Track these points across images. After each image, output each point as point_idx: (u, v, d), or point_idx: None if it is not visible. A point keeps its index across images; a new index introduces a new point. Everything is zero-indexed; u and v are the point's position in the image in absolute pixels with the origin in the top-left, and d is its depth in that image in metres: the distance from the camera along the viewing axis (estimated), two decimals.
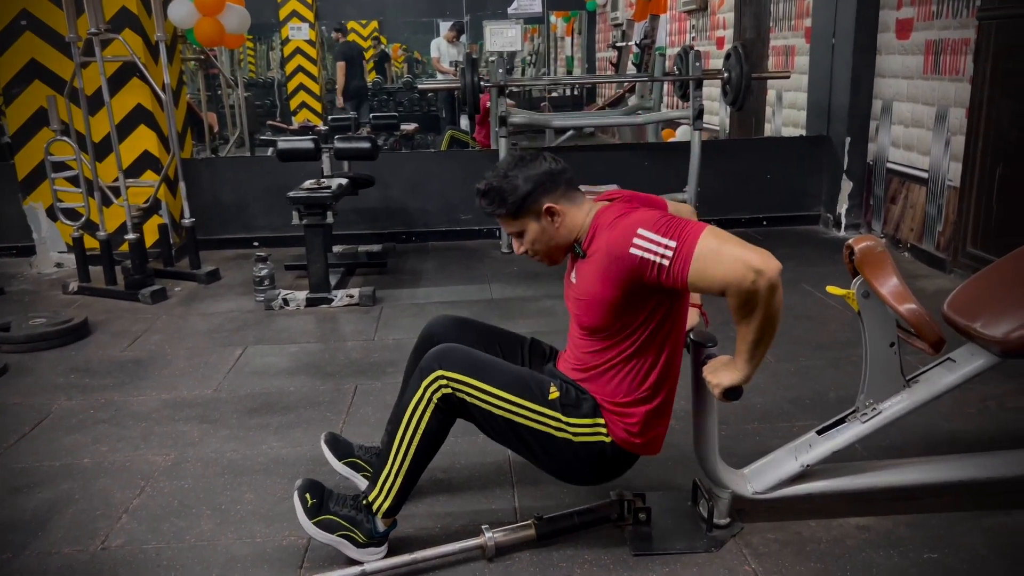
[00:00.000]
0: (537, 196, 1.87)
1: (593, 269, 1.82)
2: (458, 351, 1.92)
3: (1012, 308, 1.95)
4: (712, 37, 7.93)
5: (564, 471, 1.99)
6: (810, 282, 4.09)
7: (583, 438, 1.90)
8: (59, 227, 4.76)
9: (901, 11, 4.64)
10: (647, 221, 1.73)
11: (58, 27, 4.48)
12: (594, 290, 1.82)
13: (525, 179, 1.87)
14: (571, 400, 1.90)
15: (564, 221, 1.89)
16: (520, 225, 1.91)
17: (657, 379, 1.88)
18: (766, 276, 1.61)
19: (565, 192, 1.90)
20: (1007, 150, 3.89)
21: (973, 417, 2.67)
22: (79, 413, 2.89)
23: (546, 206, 1.87)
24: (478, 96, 4.88)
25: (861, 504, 2.14)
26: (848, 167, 5.14)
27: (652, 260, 1.68)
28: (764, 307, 1.66)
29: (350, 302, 4.05)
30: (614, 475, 2.01)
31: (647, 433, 1.92)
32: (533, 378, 1.93)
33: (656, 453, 2.01)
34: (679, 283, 1.69)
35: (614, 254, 1.75)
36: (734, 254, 1.63)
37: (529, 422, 1.88)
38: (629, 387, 1.88)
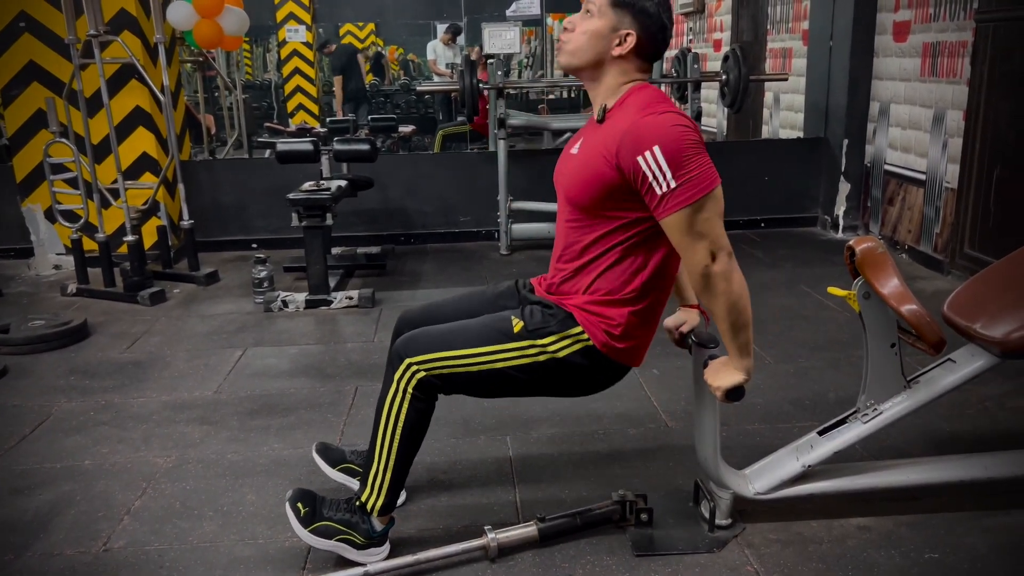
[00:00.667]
0: (637, 16, 1.75)
1: (603, 141, 1.75)
2: (417, 335, 1.90)
3: (1012, 309, 1.96)
4: (710, 39, 7.95)
5: (563, 389, 1.97)
6: (808, 283, 4.10)
7: (566, 351, 1.86)
8: (58, 229, 4.75)
9: (898, 13, 4.66)
10: (671, 144, 1.66)
11: (57, 29, 4.47)
12: (595, 163, 1.76)
13: (652, 3, 1.75)
14: (537, 322, 1.86)
15: (622, 58, 1.78)
16: (603, 9, 1.77)
17: (645, 282, 1.82)
18: (719, 264, 1.68)
19: (648, 43, 1.78)
20: (1004, 152, 3.91)
21: (973, 417, 2.68)
22: (79, 415, 2.89)
23: (627, 32, 1.76)
24: (476, 98, 4.88)
25: (862, 504, 2.15)
26: (846, 169, 5.16)
27: (648, 179, 1.66)
28: (723, 293, 1.70)
29: (349, 304, 4.05)
30: (606, 383, 1.96)
31: (629, 338, 1.86)
32: (493, 321, 1.90)
33: (638, 364, 1.94)
34: (657, 216, 1.70)
35: (626, 143, 1.68)
36: (701, 242, 1.67)
37: (510, 362, 1.86)
38: (614, 284, 1.82)
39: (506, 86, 4.91)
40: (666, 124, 1.68)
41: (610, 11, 1.76)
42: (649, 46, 1.79)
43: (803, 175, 5.44)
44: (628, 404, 2.82)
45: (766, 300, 3.89)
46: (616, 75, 1.81)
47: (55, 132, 4.20)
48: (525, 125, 5.33)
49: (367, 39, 13.71)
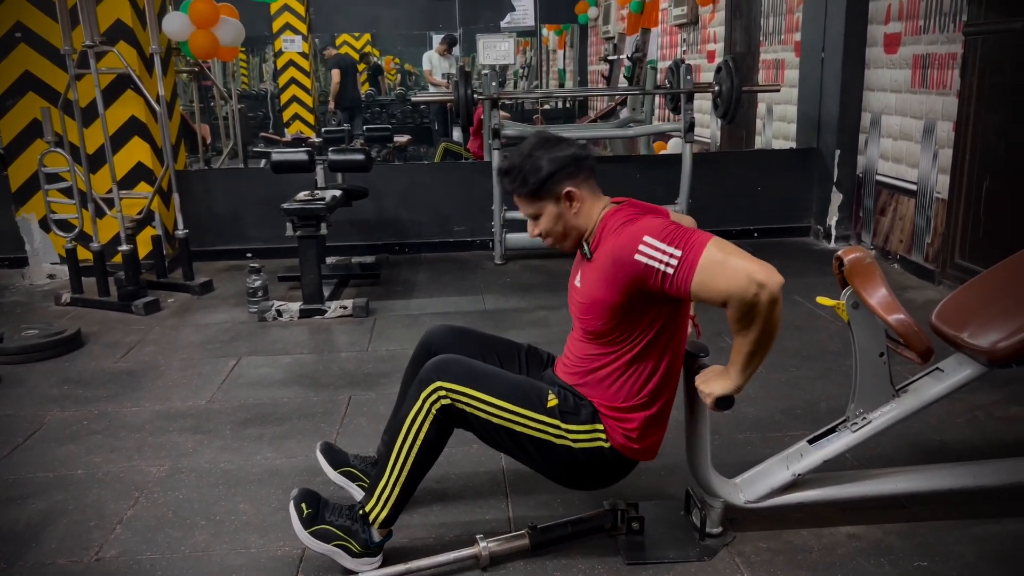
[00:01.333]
0: (559, 179, 1.87)
1: (598, 273, 1.84)
2: (456, 362, 1.93)
3: (999, 318, 1.98)
4: (703, 51, 8.00)
5: (564, 477, 2.01)
6: (801, 293, 4.12)
7: (583, 444, 1.91)
8: (52, 238, 4.76)
9: (889, 26, 4.70)
10: (653, 229, 1.74)
11: (53, 39, 4.50)
12: (598, 294, 1.84)
13: (549, 160, 1.86)
14: (570, 407, 1.92)
15: (581, 208, 1.89)
16: (538, 208, 1.91)
17: (656, 385, 1.90)
18: (768, 289, 1.64)
19: (587, 179, 1.90)
20: (994, 163, 3.94)
21: (962, 427, 2.70)
22: (72, 424, 2.89)
23: (566, 190, 1.87)
24: (471, 108, 4.91)
25: (852, 513, 2.17)
26: (838, 179, 5.19)
27: (657, 268, 1.70)
28: (764, 320, 1.68)
29: (343, 313, 4.06)
30: (613, 480, 2.02)
31: (645, 439, 1.94)
32: (531, 386, 1.95)
33: (653, 459, 2.02)
34: (683, 292, 1.71)
35: (619, 259, 1.76)
36: (738, 266, 1.66)
37: (528, 430, 1.89)
38: (628, 392, 1.90)
39: (501, 96, 4.93)
40: (643, 223, 1.79)
41: (543, 202, 1.90)
42: (580, 176, 1.89)
43: (796, 185, 5.48)
44: None
45: None
46: (590, 217, 1.91)
47: (50, 142, 4.21)
48: (520, 135, 5.35)
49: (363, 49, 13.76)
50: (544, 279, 4.68)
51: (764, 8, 6.58)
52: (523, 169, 1.88)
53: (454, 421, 1.91)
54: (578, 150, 1.91)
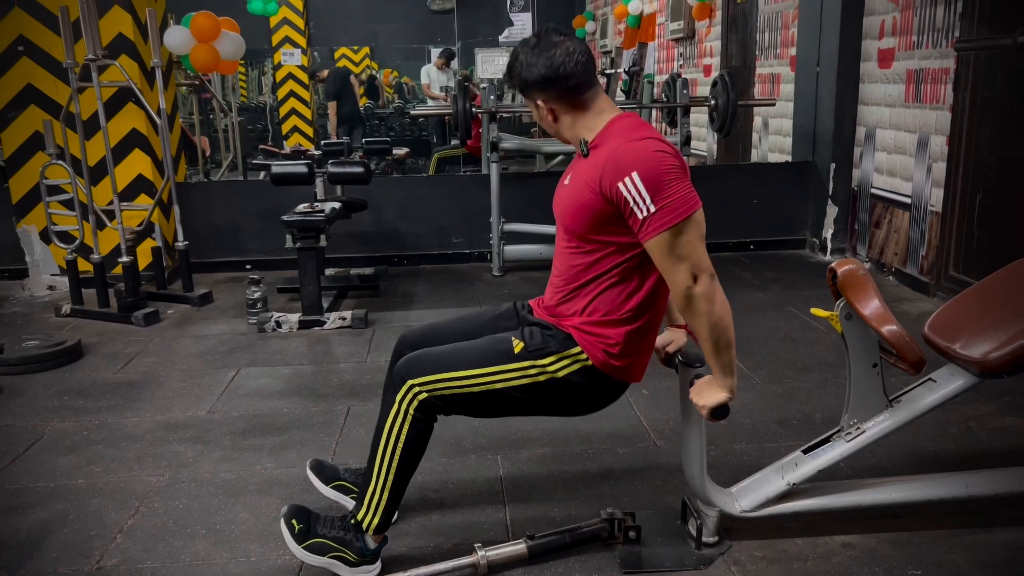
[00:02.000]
0: (531, 90, 1.88)
1: (588, 171, 1.83)
2: (419, 356, 1.95)
3: (990, 329, 2.01)
4: (699, 65, 8.06)
5: (563, 408, 2.02)
6: (796, 305, 4.15)
7: (566, 371, 1.91)
8: (52, 250, 4.78)
9: (883, 41, 4.75)
10: (649, 169, 1.72)
11: (55, 53, 4.54)
12: (583, 193, 1.83)
13: (529, 66, 1.86)
14: (537, 343, 1.91)
15: (561, 120, 1.90)
16: (527, 101, 1.95)
17: (641, 302, 1.88)
18: (701, 286, 1.73)
19: (563, 96, 1.86)
20: (987, 177, 3.99)
21: (955, 437, 2.72)
22: (73, 435, 2.90)
23: (537, 101, 1.89)
24: (470, 121, 4.95)
25: (846, 522, 2.19)
26: (833, 192, 5.23)
27: (630, 205, 1.73)
28: (705, 314, 1.75)
29: (342, 324, 4.08)
30: (606, 400, 2.01)
31: (627, 354, 1.91)
32: (494, 342, 1.95)
33: (638, 380, 1.99)
34: (640, 239, 1.76)
35: (607, 170, 1.75)
36: (681, 265, 1.73)
37: (510, 382, 1.90)
38: (611, 305, 1.88)
39: (499, 110, 4.98)
40: (645, 151, 1.74)
41: (529, 99, 1.93)
42: (552, 93, 1.86)
43: (791, 198, 5.52)
44: (617, 423, 2.86)
45: (754, 321, 3.94)
46: (577, 127, 1.90)
47: (52, 154, 4.24)
48: (518, 148, 5.40)
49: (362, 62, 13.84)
50: (542, 290, 4.69)
51: (760, 23, 6.64)
52: (512, 67, 1.90)
53: (439, 411, 1.92)
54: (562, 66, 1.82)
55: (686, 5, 7.91)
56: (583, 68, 1.85)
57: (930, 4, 4.29)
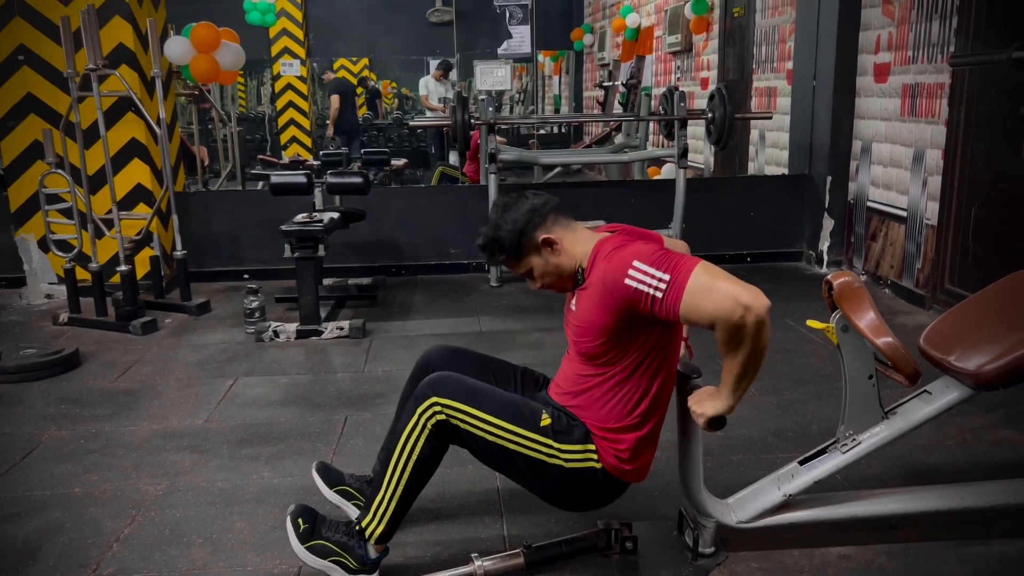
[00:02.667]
0: (530, 233, 1.96)
1: (591, 297, 1.89)
2: (452, 379, 1.97)
3: (985, 342, 2.02)
4: (697, 78, 8.11)
5: (555, 497, 2.03)
6: (792, 317, 4.17)
7: (574, 464, 1.94)
8: (50, 258, 4.79)
9: (879, 55, 4.79)
10: (643, 254, 1.79)
11: (55, 62, 4.56)
12: (591, 317, 1.88)
13: (514, 221, 1.96)
14: (562, 427, 1.95)
15: (563, 247, 1.96)
16: (526, 264, 2.00)
17: (648, 406, 1.93)
18: (754, 312, 1.67)
19: (556, 220, 1.98)
20: (981, 191, 4.01)
21: (951, 449, 2.73)
22: (70, 443, 2.90)
23: (541, 238, 1.95)
24: (468, 133, 4.97)
25: (842, 533, 2.19)
26: (829, 205, 5.26)
27: (646, 292, 1.75)
28: (751, 342, 1.71)
29: (340, 334, 4.09)
30: (604, 502, 2.05)
31: (637, 460, 1.97)
32: (526, 405, 1.98)
33: (643, 480, 2.05)
34: (671, 315, 1.74)
35: (610, 284, 1.81)
36: (724, 289, 1.69)
37: (522, 448, 1.92)
38: (620, 413, 1.93)
39: (497, 122, 5.00)
40: (634, 248, 1.84)
41: (527, 258, 1.99)
42: (548, 221, 1.97)
43: (788, 211, 5.55)
44: None
45: None
46: (575, 253, 1.97)
47: (51, 163, 4.26)
48: (516, 160, 5.42)
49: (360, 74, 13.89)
50: (539, 302, 4.72)
51: (757, 37, 6.69)
52: (496, 239, 1.98)
53: (449, 437, 1.94)
54: (535, 200, 1.99)
55: (684, 19, 7.96)
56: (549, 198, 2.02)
57: (925, 19, 4.32)
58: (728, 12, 7.35)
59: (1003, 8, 3.85)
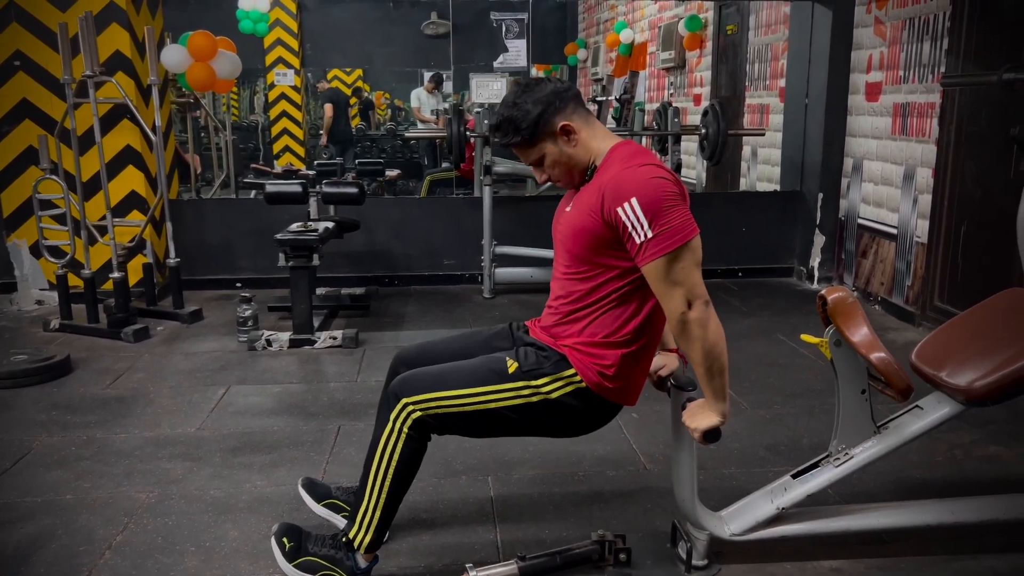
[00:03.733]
0: (549, 116, 1.87)
1: (590, 196, 1.86)
2: (413, 375, 1.96)
3: (975, 358, 2.05)
4: (690, 94, 8.17)
5: (555, 429, 2.04)
6: (784, 332, 4.19)
7: (559, 392, 1.92)
8: (42, 264, 4.77)
9: (870, 75, 4.85)
10: (648, 195, 1.75)
11: (50, 68, 4.56)
12: (584, 217, 1.85)
13: (534, 102, 1.87)
14: (531, 363, 1.93)
15: (580, 138, 1.90)
16: (538, 151, 1.91)
17: (638, 326, 1.90)
18: (695, 312, 1.76)
19: (575, 109, 1.91)
20: (971, 209, 4.06)
21: (941, 465, 2.76)
22: (61, 450, 2.89)
23: (561, 124, 1.88)
24: (464, 145, 5.00)
25: (834, 547, 2.20)
26: (820, 222, 5.30)
27: (628, 229, 1.76)
28: (700, 340, 1.77)
29: (333, 344, 4.09)
30: (599, 423, 2.03)
31: (621, 377, 1.93)
32: (487, 362, 1.96)
33: (632, 403, 2.01)
34: (638, 264, 1.79)
35: (608, 196, 1.78)
36: (678, 290, 1.75)
37: (504, 402, 1.91)
38: (609, 328, 1.90)
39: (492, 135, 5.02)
40: (644, 176, 1.78)
41: (541, 143, 1.90)
42: (568, 108, 1.90)
43: (780, 227, 5.59)
44: (608, 447, 2.87)
45: (743, 348, 3.97)
46: (590, 147, 1.91)
47: (45, 169, 4.25)
48: (510, 172, 5.44)
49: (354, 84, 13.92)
50: (533, 313, 4.67)
51: (750, 55, 6.75)
52: (513, 119, 1.88)
53: (433, 430, 1.93)
54: (556, 84, 1.91)
55: (677, 35, 8.03)
56: (572, 86, 1.95)
57: (917, 40, 4.38)
58: (721, 30, 7.42)
59: (993, 30, 3.91)
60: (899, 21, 4.54)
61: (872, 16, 4.82)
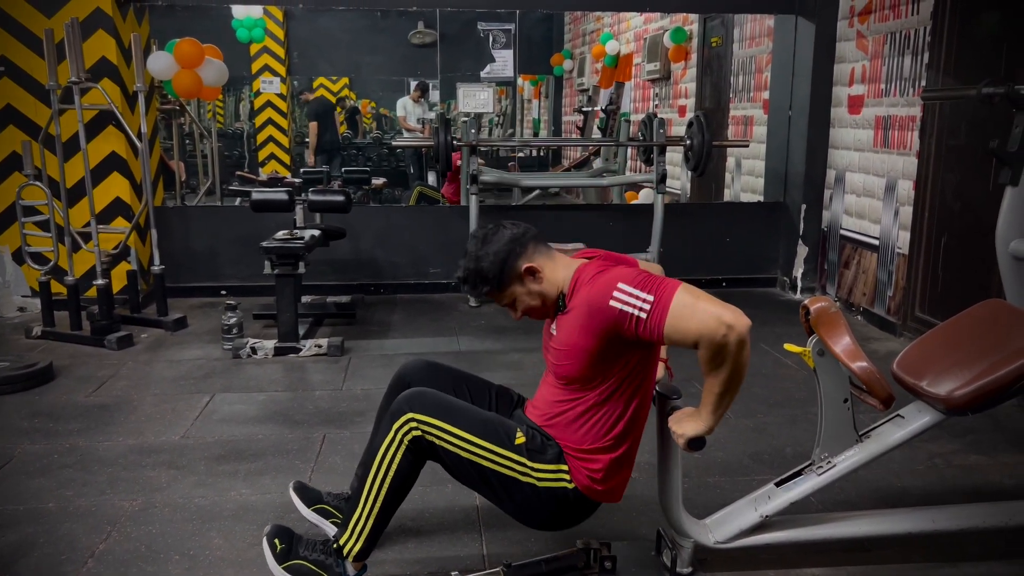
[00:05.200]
0: (512, 262, 1.96)
1: (574, 321, 1.90)
2: (428, 394, 1.98)
3: (955, 368, 2.08)
4: (675, 105, 8.23)
5: (527, 515, 2.04)
6: (767, 342, 4.23)
7: (547, 483, 1.95)
8: (25, 271, 4.73)
9: (853, 88, 4.91)
10: (626, 277, 1.82)
11: (36, 74, 4.54)
12: (573, 341, 1.90)
13: (495, 252, 1.96)
14: (536, 446, 1.96)
15: (545, 275, 1.97)
16: (509, 294, 2.00)
17: (623, 429, 1.96)
18: (736, 331, 1.71)
19: (536, 248, 1.99)
20: (951, 221, 4.12)
21: (922, 473, 2.79)
22: (43, 458, 2.87)
23: (524, 267, 1.96)
24: (450, 154, 5.01)
25: (817, 554, 2.23)
26: (804, 233, 5.36)
27: (630, 313, 1.77)
28: (733, 361, 1.75)
29: (318, 352, 4.08)
30: (575, 521, 2.06)
31: (609, 481, 1.98)
32: (501, 423, 1.99)
33: (617, 501, 2.06)
34: (655, 335, 1.77)
35: (595, 306, 1.83)
36: (708, 309, 1.73)
37: (495, 466, 1.93)
38: (596, 435, 1.95)
39: (479, 143, 5.05)
40: (616, 272, 1.86)
41: (510, 288, 1.99)
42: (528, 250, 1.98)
43: (763, 237, 5.64)
44: None
45: None
46: (556, 280, 1.98)
47: (29, 175, 4.22)
48: (496, 181, 5.47)
49: (340, 92, 13.93)
50: (518, 323, 4.73)
51: (734, 67, 6.82)
52: (479, 271, 1.97)
53: (425, 452, 1.94)
54: (513, 230, 1.99)
55: (662, 47, 8.10)
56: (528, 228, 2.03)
57: (898, 54, 4.45)
58: (706, 42, 7.49)
59: (972, 46, 3.97)
60: (881, 35, 4.61)
61: (854, 30, 4.88)
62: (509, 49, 7.55)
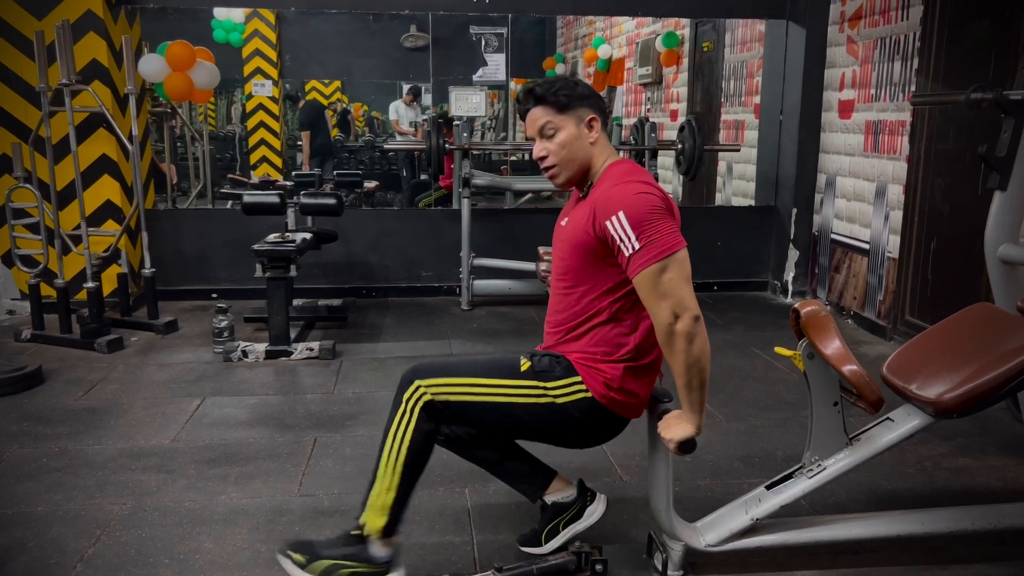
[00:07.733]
0: (591, 104, 1.98)
1: (582, 212, 1.94)
2: (426, 362, 2.02)
3: (944, 371, 2.09)
4: (666, 110, 8.26)
5: (558, 435, 2.06)
6: (758, 346, 4.24)
7: (565, 398, 1.96)
8: (14, 273, 4.70)
9: (843, 92, 4.94)
10: (634, 209, 1.82)
11: (26, 76, 4.52)
12: (578, 231, 1.93)
13: (587, 87, 2.00)
14: (544, 366, 1.98)
15: (596, 143, 1.98)
16: (559, 122, 1.95)
17: (638, 343, 1.95)
18: (684, 324, 1.79)
19: (604, 123, 2.02)
20: (940, 225, 4.14)
21: (911, 476, 2.80)
22: (32, 461, 2.85)
23: (592, 116, 1.97)
24: (443, 157, 5.01)
25: (807, 557, 2.23)
26: (795, 236, 5.38)
27: (617, 242, 1.82)
28: (684, 352, 1.80)
29: (310, 355, 4.07)
30: (606, 434, 2.06)
31: (626, 389, 1.96)
32: (502, 358, 2.03)
33: (637, 416, 2.04)
34: (628, 275, 1.83)
35: (599, 209, 1.86)
36: (674, 293, 1.79)
37: (511, 398, 1.95)
38: (609, 347, 1.95)
39: (472, 147, 5.05)
40: (631, 192, 1.85)
41: (565, 116, 1.96)
42: (602, 120, 2.01)
43: (754, 241, 5.65)
44: (583, 458, 2.87)
45: (718, 361, 3.96)
46: (599, 158, 2.00)
47: (19, 177, 4.20)
48: (489, 185, 5.46)
49: (332, 96, 13.92)
50: (511, 325, 4.74)
51: (725, 71, 6.85)
52: (567, 82, 1.97)
53: (440, 416, 1.95)
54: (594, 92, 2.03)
55: (654, 51, 8.12)
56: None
57: (888, 59, 4.48)
58: (698, 46, 7.52)
59: (961, 51, 4.00)
60: (871, 41, 4.64)
61: (845, 35, 4.91)
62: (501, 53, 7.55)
